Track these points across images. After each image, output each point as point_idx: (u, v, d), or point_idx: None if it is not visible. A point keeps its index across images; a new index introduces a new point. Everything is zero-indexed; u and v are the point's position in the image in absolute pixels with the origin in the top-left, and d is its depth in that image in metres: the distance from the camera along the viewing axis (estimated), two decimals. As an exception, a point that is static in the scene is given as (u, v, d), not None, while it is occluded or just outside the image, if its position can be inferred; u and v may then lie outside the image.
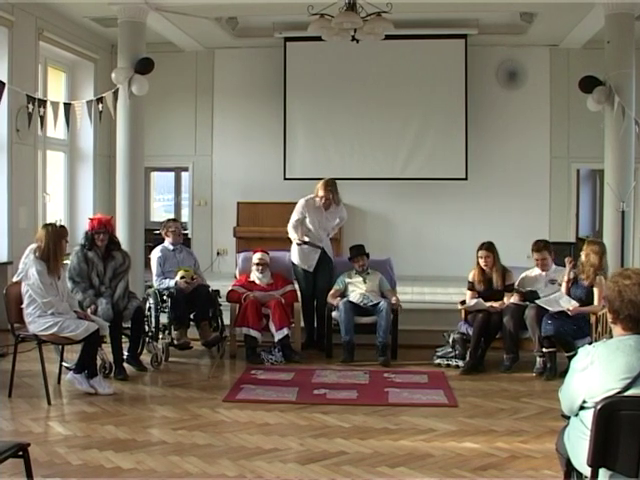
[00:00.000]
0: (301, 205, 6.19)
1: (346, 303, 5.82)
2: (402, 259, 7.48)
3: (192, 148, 9.04)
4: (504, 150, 8.59)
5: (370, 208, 8.73)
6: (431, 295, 7.24)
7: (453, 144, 8.41)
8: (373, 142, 8.53)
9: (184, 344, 5.77)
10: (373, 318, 5.81)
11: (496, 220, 8.39)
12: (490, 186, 8.58)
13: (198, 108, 8.99)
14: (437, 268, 8.31)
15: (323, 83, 8.55)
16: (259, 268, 6.09)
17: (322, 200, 6.10)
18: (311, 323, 6.29)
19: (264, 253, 6.19)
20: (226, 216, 8.75)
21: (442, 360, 5.64)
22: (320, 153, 8.56)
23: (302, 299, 6.18)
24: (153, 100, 7.91)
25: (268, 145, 8.81)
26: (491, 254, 5.70)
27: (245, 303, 5.83)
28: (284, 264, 6.29)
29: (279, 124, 8.68)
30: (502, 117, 8.58)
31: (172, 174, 9.89)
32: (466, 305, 5.70)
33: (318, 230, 6.15)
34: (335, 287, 6.11)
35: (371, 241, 7.11)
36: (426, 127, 8.45)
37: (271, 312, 5.79)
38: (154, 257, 6.03)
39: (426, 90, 8.44)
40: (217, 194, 9.03)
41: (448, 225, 8.62)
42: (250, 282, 6.10)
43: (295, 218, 6.19)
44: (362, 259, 6.13)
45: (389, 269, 6.35)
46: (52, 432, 3.95)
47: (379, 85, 8.50)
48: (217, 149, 9.02)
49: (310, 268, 6.15)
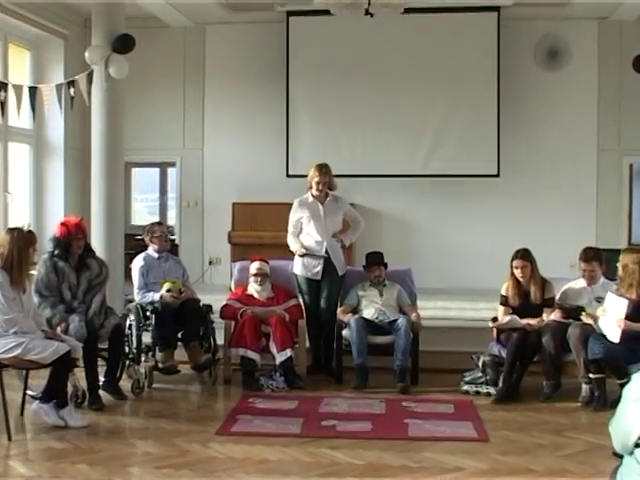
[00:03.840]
0: (295, 207, 6.28)
1: (359, 320, 5.83)
2: (424, 269, 7.46)
3: (180, 140, 9.06)
4: (543, 142, 8.54)
5: (386, 210, 8.70)
6: (458, 311, 7.24)
7: (483, 135, 8.40)
8: (390, 133, 8.51)
9: (170, 368, 5.75)
10: (390, 337, 5.81)
11: (533, 223, 8.36)
12: (526, 184, 8.54)
13: (187, 94, 9.02)
14: (464, 279, 8.29)
15: (332, 65, 8.56)
16: (258, 279, 6.11)
17: (318, 186, 6.15)
18: (318, 343, 6.30)
19: (263, 262, 6.20)
20: (220, 219, 8.74)
21: (471, 387, 5.63)
22: (329, 146, 8.54)
23: (307, 315, 6.19)
24: (134, 84, 7.91)
25: (269, 137, 8.82)
26: (528, 263, 5.68)
27: (242, 320, 5.84)
28: (287, 275, 6.32)
29: (281, 112, 8.67)
30: (541, 103, 8.53)
31: (157, 170, 9.89)
32: (499, 322, 5.69)
33: (320, 232, 6.17)
34: (346, 301, 6.13)
35: (387, 248, 7.07)
36: (452, 116, 8.44)
37: (272, 330, 5.80)
38: (136, 267, 6.03)
39: (452, 72, 8.42)
40: (209, 193, 9.03)
41: (477, 229, 8.60)
42: (247, 296, 6.12)
43: (292, 224, 6.27)
44: (379, 269, 6.16)
45: (409, 281, 6.36)
46: (13, 473, 3.89)
47: (397, 67, 8.49)
48: (209, 141, 9.03)
49: (315, 276, 6.18)
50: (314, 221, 6.19)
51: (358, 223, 6.45)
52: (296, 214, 6.25)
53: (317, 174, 6.17)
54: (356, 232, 6.47)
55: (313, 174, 6.20)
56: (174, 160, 9.19)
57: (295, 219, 6.26)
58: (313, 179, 6.19)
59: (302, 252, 6.15)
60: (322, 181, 6.16)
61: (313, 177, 6.19)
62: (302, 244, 6.19)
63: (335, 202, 6.27)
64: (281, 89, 8.66)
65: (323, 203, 6.22)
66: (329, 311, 6.17)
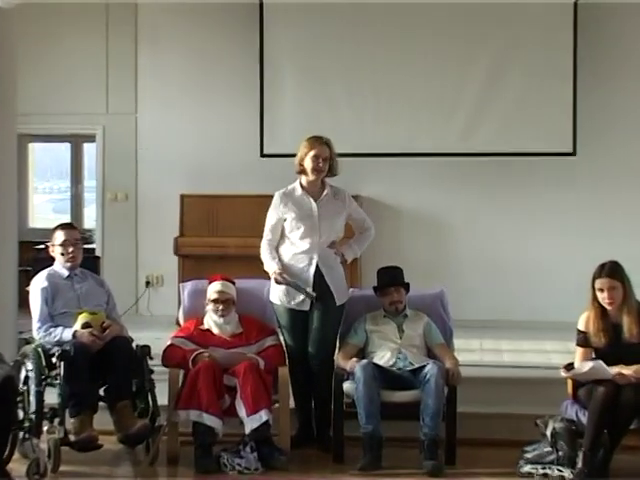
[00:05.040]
0: (276, 203, 6.21)
1: (367, 367, 5.80)
2: (463, 292, 7.54)
3: (102, 102, 9.15)
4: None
5: (407, 205, 8.81)
6: (513, 354, 7.30)
7: (551, 98, 8.53)
8: (412, 96, 8.63)
9: (88, 441, 5.67)
10: (414, 394, 5.79)
11: (626, 224, 8.46)
12: (615, 167, 8.64)
13: (111, 36, 9.11)
14: (523, 308, 8.37)
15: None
16: (219, 308, 6.12)
17: (317, 163, 6.09)
18: (307, 402, 6.31)
19: (227, 283, 6.25)
20: (162, 219, 8.85)
21: (535, 468, 5.60)
22: (322, 115, 8.62)
23: (291, 361, 6.21)
24: (33, 21, 7.95)
25: (235, 99, 8.94)
26: (618, 283, 5.66)
27: (195, 368, 5.83)
28: (261, 301, 6.37)
29: (252, 66, 8.76)
30: (637, 54, 8.66)
31: (67, 146, 9.96)
32: (576, 371, 5.66)
33: (311, 240, 6.14)
34: (348, 340, 6.17)
35: (409, 261, 7.15)
36: (503, 71, 8.58)
37: (239, 384, 5.78)
38: (36, 290, 6.03)
39: (503, 11, 8.52)
40: (146, 181, 9.14)
41: (541, 233, 8.67)
42: (203, 332, 6.15)
43: (270, 228, 6.23)
44: (397, 292, 6.17)
45: (441, 309, 6.41)
46: None
47: (423, 5, 8.56)
48: (146, 105, 9.14)
49: (302, 305, 6.15)
50: (303, 224, 6.13)
51: (367, 229, 6.41)
52: (276, 213, 6.19)
53: (313, 145, 6.09)
54: (363, 242, 6.43)
55: (306, 148, 6.12)
56: (93, 132, 9.25)
57: (274, 220, 6.19)
58: (307, 155, 6.09)
59: (281, 280, 6.05)
60: (322, 155, 6.07)
61: (307, 152, 6.10)
62: (283, 264, 6.11)
63: (335, 197, 6.23)
64: (252, 33, 8.75)
65: (317, 198, 6.19)
66: (323, 355, 6.14)
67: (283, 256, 6.17)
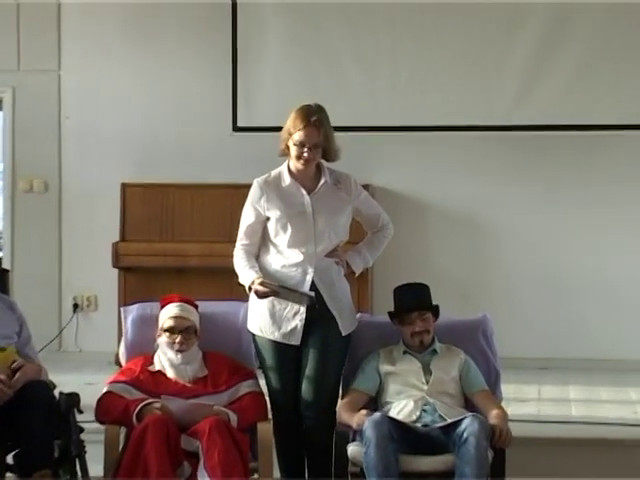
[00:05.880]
0: (255, 195, 6.19)
1: (382, 424, 5.69)
2: (513, 319, 7.67)
3: (12, 56, 9.14)
4: None
5: (434, 197, 8.93)
6: (584, 405, 7.33)
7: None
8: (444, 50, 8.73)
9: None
10: (446, 460, 5.70)
11: None
12: None
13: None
14: (597, 342, 8.43)
15: None
16: (175, 340, 6.09)
17: (303, 151, 6.05)
18: (298, 471, 6.31)
19: (187, 305, 6.24)
20: (95, 218, 8.95)
21: None
22: (319, 72, 8.78)
23: (275, 413, 6.23)
24: None
25: (198, 52, 9.02)
26: None
27: (141, 426, 5.75)
28: (234, 331, 6.38)
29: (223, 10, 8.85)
30: None
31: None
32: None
33: (303, 247, 6.12)
34: (355, 385, 6.10)
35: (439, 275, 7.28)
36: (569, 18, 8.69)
37: (203, 447, 5.70)
38: None
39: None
40: (72, 165, 9.24)
41: (623, 242, 8.73)
42: (154, 375, 6.13)
43: (245, 229, 6.22)
44: (423, 319, 6.09)
45: (484, 342, 6.37)
46: None
47: None
48: (73, 59, 9.20)
49: (291, 338, 6.12)
50: (292, 226, 6.11)
51: (383, 228, 6.39)
52: (254, 210, 6.18)
53: (301, 124, 6.04)
54: (378, 246, 6.40)
55: (293, 124, 6.09)
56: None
57: (252, 219, 6.17)
58: (293, 135, 6.09)
59: (264, 289, 5.97)
60: (308, 141, 6.04)
61: (293, 131, 6.09)
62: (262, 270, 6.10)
63: (336, 185, 6.25)
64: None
65: (312, 189, 6.17)
66: (321, 406, 6.09)
67: (267, 269, 6.12)
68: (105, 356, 7.38)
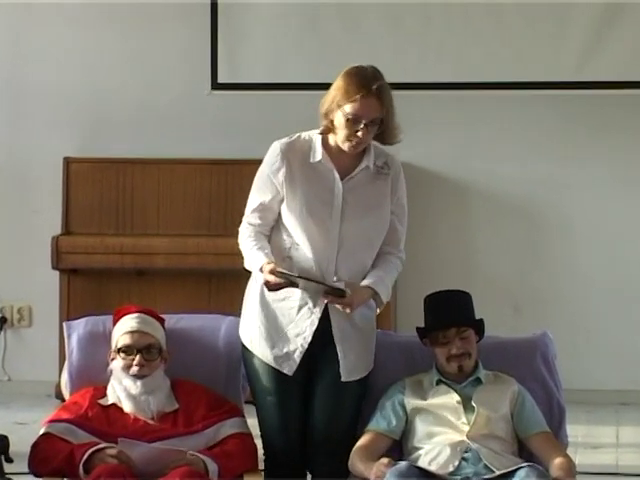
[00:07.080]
0: (273, 160, 5.94)
1: (408, 475, 5.52)
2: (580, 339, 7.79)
3: None
4: None
5: (475, 177, 9.14)
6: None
7: None
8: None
9: None
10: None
11: None
12: None
13: None
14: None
15: None
16: (133, 362, 5.90)
17: (352, 131, 5.85)
18: None
19: (148, 317, 6.04)
20: (28, 204, 9.26)
21: None
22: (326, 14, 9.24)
23: (269, 460, 6.11)
24: None
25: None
26: None
27: (91, 478, 5.58)
28: (213, 351, 6.19)
29: None
30: None
31: None
32: None
33: (321, 247, 5.95)
34: (375, 425, 5.84)
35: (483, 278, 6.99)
36: None
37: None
38: None
39: None
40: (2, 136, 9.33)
41: None
42: (106, 409, 5.92)
43: (254, 207, 6.01)
44: (463, 338, 5.89)
45: (543, 369, 6.15)
46: None
47: None
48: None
49: (282, 364, 6.01)
50: (311, 216, 5.96)
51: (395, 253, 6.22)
52: (272, 183, 6.00)
53: (358, 93, 5.81)
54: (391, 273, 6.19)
55: (345, 92, 5.85)
56: None
57: (266, 196, 5.99)
58: (343, 107, 5.86)
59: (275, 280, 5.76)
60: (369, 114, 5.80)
61: (340, 104, 5.86)
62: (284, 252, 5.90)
63: (378, 172, 6.12)
64: None
65: (348, 172, 6.01)
66: (331, 450, 5.98)
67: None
68: (42, 387, 7.51)
